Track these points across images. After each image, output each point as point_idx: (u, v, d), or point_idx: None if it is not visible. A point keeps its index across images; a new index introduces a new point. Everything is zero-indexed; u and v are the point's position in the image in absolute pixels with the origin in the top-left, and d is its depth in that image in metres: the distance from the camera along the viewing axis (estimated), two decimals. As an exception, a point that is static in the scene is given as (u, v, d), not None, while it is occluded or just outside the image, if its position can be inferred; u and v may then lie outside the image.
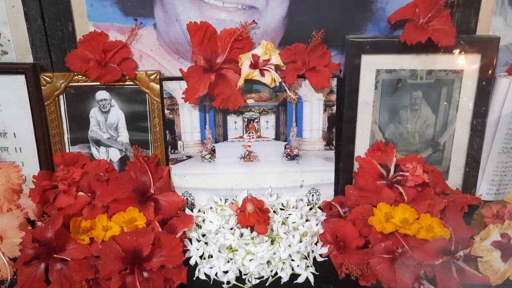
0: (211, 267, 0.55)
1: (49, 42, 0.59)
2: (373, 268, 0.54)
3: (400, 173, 0.61)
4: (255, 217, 0.58)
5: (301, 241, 0.58)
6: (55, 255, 0.55)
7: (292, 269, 0.56)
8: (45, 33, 0.59)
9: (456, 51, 0.60)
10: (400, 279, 0.53)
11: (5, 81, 0.58)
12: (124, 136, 0.62)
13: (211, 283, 0.55)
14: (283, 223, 0.60)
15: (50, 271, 0.54)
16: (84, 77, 0.59)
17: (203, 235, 0.59)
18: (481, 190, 0.67)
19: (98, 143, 0.63)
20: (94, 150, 0.63)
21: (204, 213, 0.62)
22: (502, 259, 0.55)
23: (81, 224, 0.56)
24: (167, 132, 0.62)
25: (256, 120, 0.63)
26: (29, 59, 0.60)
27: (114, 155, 0.63)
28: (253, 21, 0.59)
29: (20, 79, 0.59)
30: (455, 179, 0.65)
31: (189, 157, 0.64)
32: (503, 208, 0.63)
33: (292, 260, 0.56)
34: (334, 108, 0.62)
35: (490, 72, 0.60)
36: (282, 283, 0.55)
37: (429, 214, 0.58)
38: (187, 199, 0.64)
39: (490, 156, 0.65)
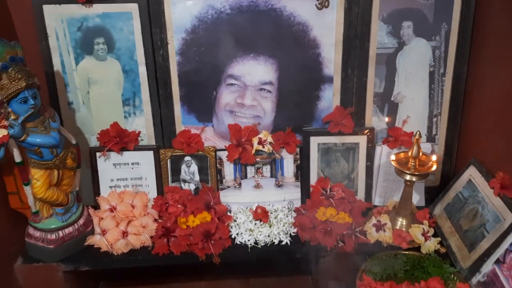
0: (242, 238, 1.18)
1: (164, 135, 1.24)
2: (316, 236, 1.16)
3: (331, 192, 1.24)
4: (262, 215, 1.21)
5: (283, 226, 1.20)
6: (171, 234, 1.17)
7: (279, 239, 1.18)
8: (162, 131, 1.24)
9: (355, 134, 1.24)
10: (328, 240, 1.15)
11: (143, 154, 1.22)
12: (197, 177, 1.26)
13: (242, 245, 1.17)
14: (275, 218, 1.22)
15: (169, 241, 1.17)
16: (180, 151, 1.24)
17: (237, 224, 1.22)
18: (375, 200, 1.30)
19: (184, 181, 1.26)
20: (182, 184, 1.26)
21: (236, 214, 1.26)
22: (376, 231, 1.17)
23: (181, 220, 1.19)
24: (218, 175, 1.26)
25: (260, 168, 1.27)
26: (153, 142, 1.25)
27: (192, 187, 1.27)
28: (258, 123, 1.23)
29: (150, 153, 1.22)
30: (361, 195, 1.28)
31: (228, 187, 1.27)
32: (382, 208, 1.26)
33: (279, 234, 1.19)
34: (299, 161, 1.26)
35: (371, 143, 1.24)
36: (275, 244, 1.17)
37: (343, 212, 1.20)
38: (228, 207, 1.27)
39: (378, 183, 1.28)
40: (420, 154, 1.09)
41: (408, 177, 1.10)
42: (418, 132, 1.08)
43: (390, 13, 1.14)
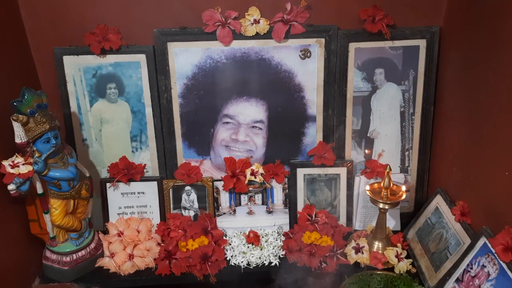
0: (236, 260, 1.31)
1: (167, 167, 1.39)
2: (302, 258, 1.30)
3: (316, 218, 1.39)
4: (254, 239, 1.36)
5: (273, 248, 1.34)
6: (172, 256, 1.31)
7: (270, 260, 1.32)
8: (165, 163, 1.40)
9: (336, 166, 1.40)
10: (312, 262, 1.29)
11: (148, 185, 1.37)
12: (196, 205, 1.41)
13: (236, 266, 1.31)
14: (266, 241, 1.37)
15: (171, 263, 1.30)
16: (181, 181, 1.39)
17: (232, 247, 1.36)
18: (356, 225, 1.44)
19: (185, 208, 1.41)
20: (183, 211, 1.41)
21: (231, 238, 1.40)
22: (355, 253, 1.31)
23: (182, 243, 1.33)
24: (215, 202, 1.41)
25: (253, 196, 1.42)
26: (157, 174, 1.40)
27: (192, 214, 1.41)
28: (251, 156, 1.39)
29: (154, 183, 1.37)
30: (343, 220, 1.43)
31: (224, 213, 1.42)
32: (361, 232, 1.40)
33: (270, 256, 1.33)
34: (287, 190, 1.41)
35: (351, 175, 1.40)
36: (265, 265, 1.31)
37: (326, 235, 1.34)
38: (223, 232, 1.41)
39: (358, 209, 1.43)
40: (391, 184, 1.24)
41: (381, 205, 1.25)
42: (388, 166, 1.23)
43: (364, 62, 1.32)
